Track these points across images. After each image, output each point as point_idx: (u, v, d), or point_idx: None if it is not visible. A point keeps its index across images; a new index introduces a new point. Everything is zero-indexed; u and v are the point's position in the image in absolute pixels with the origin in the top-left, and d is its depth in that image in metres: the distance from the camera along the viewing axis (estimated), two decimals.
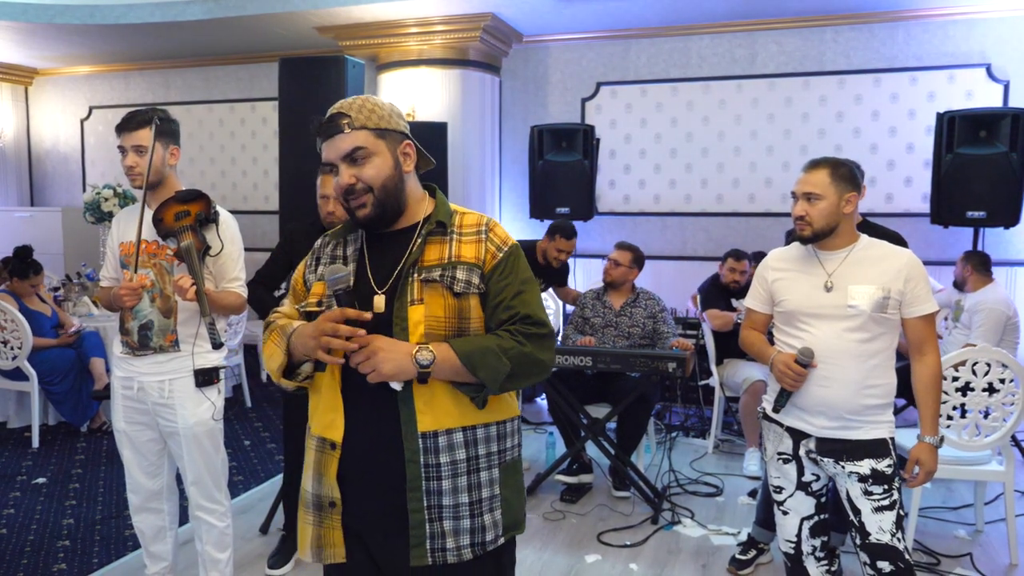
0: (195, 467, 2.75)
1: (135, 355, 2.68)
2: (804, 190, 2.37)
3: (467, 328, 1.62)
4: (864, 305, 2.27)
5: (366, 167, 1.61)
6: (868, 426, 2.31)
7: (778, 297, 2.45)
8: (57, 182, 9.29)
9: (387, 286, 1.64)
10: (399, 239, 1.68)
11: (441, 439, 1.59)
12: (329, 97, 3.89)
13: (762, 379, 4.65)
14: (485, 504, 1.64)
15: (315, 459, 1.68)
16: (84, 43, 7.69)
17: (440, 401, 1.60)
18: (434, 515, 1.60)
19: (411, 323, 1.59)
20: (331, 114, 1.64)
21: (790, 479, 2.45)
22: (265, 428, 5.52)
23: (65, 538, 3.71)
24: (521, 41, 7.18)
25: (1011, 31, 5.98)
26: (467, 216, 1.71)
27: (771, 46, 6.59)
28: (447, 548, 1.60)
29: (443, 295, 1.61)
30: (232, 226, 2.74)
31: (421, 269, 1.62)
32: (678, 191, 6.93)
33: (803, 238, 2.38)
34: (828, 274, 2.34)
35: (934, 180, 5.20)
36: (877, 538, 2.28)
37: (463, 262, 1.63)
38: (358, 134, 1.61)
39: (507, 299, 1.63)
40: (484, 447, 1.64)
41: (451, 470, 1.60)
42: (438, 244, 1.66)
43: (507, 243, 1.69)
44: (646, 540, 3.68)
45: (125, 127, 2.62)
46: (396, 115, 1.67)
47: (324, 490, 1.65)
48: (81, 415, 5.36)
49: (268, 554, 3.45)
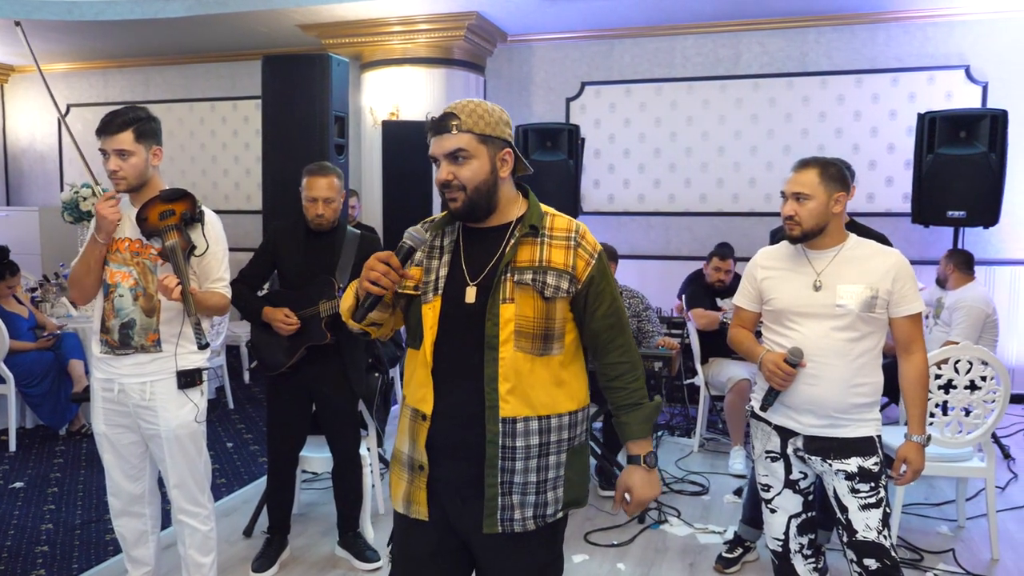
0: (178, 470, 2.70)
1: (115, 354, 2.63)
2: (793, 190, 2.37)
3: (552, 327, 1.78)
4: (852, 304, 2.28)
5: (464, 168, 1.75)
6: (855, 424, 2.32)
7: (767, 296, 2.46)
8: (34, 181, 9.16)
9: (479, 279, 1.79)
10: (492, 236, 1.83)
11: (519, 425, 1.76)
12: (313, 96, 3.86)
13: (747, 378, 4.67)
14: (550, 483, 1.82)
15: (409, 427, 1.85)
16: (62, 40, 7.58)
17: (522, 392, 1.76)
18: (506, 490, 1.78)
19: (502, 320, 1.75)
20: (444, 113, 1.77)
21: (778, 477, 2.46)
22: (248, 430, 5.47)
23: (44, 543, 3.65)
24: (506, 40, 7.17)
25: (989, 33, 6.06)
26: (557, 219, 1.85)
27: (755, 47, 6.63)
28: (515, 519, 1.79)
29: (533, 297, 1.76)
30: (217, 226, 2.70)
31: (514, 270, 1.77)
32: (662, 191, 6.95)
33: (792, 238, 2.38)
34: (817, 273, 2.35)
35: (915, 180, 5.26)
36: (864, 536, 2.29)
37: (553, 268, 1.78)
38: (463, 136, 1.74)
39: (604, 306, 1.83)
40: (556, 435, 1.81)
41: (524, 453, 1.77)
42: (530, 246, 1.80)
43: (596, 249, 1.85)
44: (633, 539, 3.68)
45: (105, 130, 2.54)
46: (503, 123, 1.80)
47: (416, 454, 1.83)
48: (60, 418, 5.28)
49: (252, 557, 3.41)
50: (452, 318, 1.78)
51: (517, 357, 1.75)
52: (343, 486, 3.45)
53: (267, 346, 3.29)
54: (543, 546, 1.87)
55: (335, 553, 3.51)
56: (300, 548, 3.58)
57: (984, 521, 3.74)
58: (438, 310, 1.79)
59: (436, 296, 1.80)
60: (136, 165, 2.55)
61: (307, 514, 3.97)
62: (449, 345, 1.78)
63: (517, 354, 1.75)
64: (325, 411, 3.37)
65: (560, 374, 1.81)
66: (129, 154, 2.54)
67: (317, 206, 3.18)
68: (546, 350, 1.78)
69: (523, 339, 1.75)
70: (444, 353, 1.78)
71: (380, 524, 3.81)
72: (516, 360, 1.75)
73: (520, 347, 1.75)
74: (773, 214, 6.59)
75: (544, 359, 1.78)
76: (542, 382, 1.78)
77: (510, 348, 1.75)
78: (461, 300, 1.78)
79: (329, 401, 3.34)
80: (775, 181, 6.64)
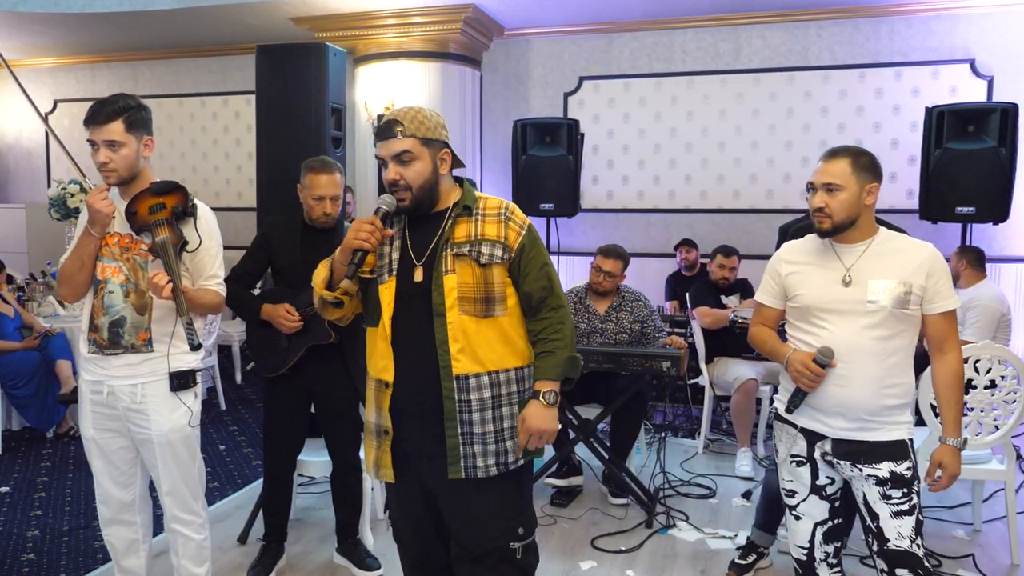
0: (170, 477, 2.57)
1: (104, 354, 2.49)
2: (824, 180, 2.22)
3: (492, 291, 2.02)
4: (885, 300, 2.16)
5: (409, 168, 1.99)
6: (887, 427, 2.20)
7: (792, 292, 2.34)
8: (20, 178, 8.97)
9: (424, 259, 2.03)
10: (434, 221, 2.07)
11: (471, 380, 2.00)
12: (309, 87, 3.72)
13: (753, 377, 4.57)
14: (507, 433, 2.04)
15: (374, 396, 2.08)
16: (48, 33, 7.41)
17: (471, 350, 2.00)
18: (467, 440, 2.01)
19: (446, 289, 1.99)
20: (388, 120, 2.00)
21: (803, 482, 2.34)
22: (241, 432, 5.33)
23: (30, 551, 3.51)
24: (502, 34, 7.04)
25: (995, 26, 5.97)
26: (489, 200, 2.11)
27: (756, 40, 6.53)
28: (477, 466, 2.01)
29: (471, 266, 2.01)
30: (211, 220, 2.57)
31: (452, 245, 2.02)
32: (662, 187, 6.84)
33: (822, 231, 2.25)
34: (846, 268, 2.23)
35: (923, 175, 5.16)
36: (896, 544, 2.18)
37: (487, 239, 2.03)
38: (407, 140, 1.98)
39: (535, 270, 2.06)
40: (506, 388, 2.04)
41: (480, 405, 2.01)
42: (465, 224, 2.05)
43: (525, 223, 2.10)
44: (641, 545, 3.57)
45: (94, 120, 2.40)
46: (441, 127, 2.05)
47: (381, 420, 2.06)
48: (47, 420, 5.13)
49: (247, 565, 3.28)
50: (405, 295, 2.02)
51: (463, 320, 1.99)
52: (343, 491, 3.32)
53: (265, 346, 3.15)
54: (508, 493, 2.08)
55: (333, 560, 3.39)
56: (297, 555, 3.46)
57: (1001, 525, 3.65)
58: (394, 289, 2.03)
59: (391, 276, 2.04)
60: (127, 157, 2.42)
61: (303, 519, 3.84)
62: (405, 319, 2.02)
63: (463, 317, 1.99)
64: (325, 413, 3.24)
65: (508, 333, 2.05)
66: (119, 145, 2.40)
67: (325, 204, 3.05)
68: (489, 312, 2.01)
69: (466, 303, 1.99)
70: (401, 326, 2.02)
71: (379, 530, 3.69)
72: (463, 323, 1.99)
73: (464, 311, 1.99)
74: (774, 210, 6.50)
75: (489, 320, 2.02)
76: (488, 341, 2.01)
77: (456, 313, 1.99)
78: (411, 279, 2.03)
79: (330, 402, 3.21)
80: (776, 177, 6.55)
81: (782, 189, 6.54)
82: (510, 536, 2.06)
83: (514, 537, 2.06)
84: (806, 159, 6.42)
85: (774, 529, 3.31)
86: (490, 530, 2.05)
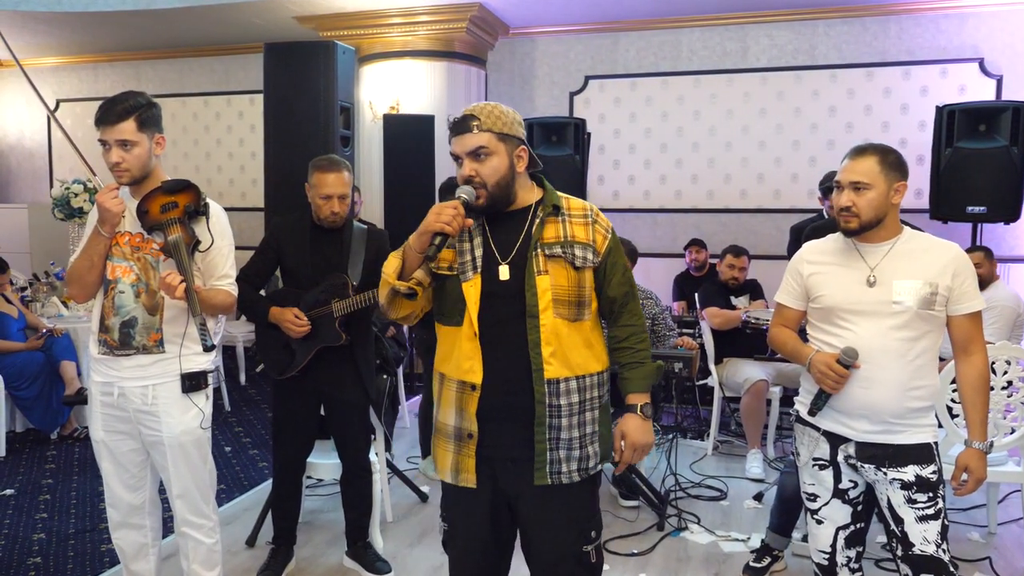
0: (181, 479, 2.53)
1: (115, 355, 2.45)
2: (851, 179, 2.17)
3: (584, 295, 1.98)
4: (910, 301, 2.12)
5: (485, 164, 1.91)
6: (912, 430, 2.16)
7: (814, 292, 2.29)
8: (22, 178, 8.94)
9: (509, 258, 1.96)
10: (515, 219, 2.00)
11: (562, 385, 1.95)
12: (318, 85, 3.70)
13: (764, 378, 4.54)
14: (588, 438, 2.00)
15: (455, 398, 2.00)
16: (51, 32, 7.37)
17: (562, 354, 1.94)
18: (554, 446, 1.96)
19: (540, 290, 1.93)
20: (464, 114, 1.93)
21: (826, 486, 2.30)
22: (247, 433, 5.29)
23: (36, 554, 3.47)
24: (507, 34, 7.01)
25: (1003, 25, 5.94)
26: (573, 201, 2.04)
27: (763, 39, 6.49)
28: (562, 472, 1.97)
29: (565, 268, 1.96)
30: (223, 219, 2.53)
31: (543, 246, 1.95)
32: (668, 187, 6.81)
33: (849, 230, 2.20)
34: (871, 268, 2.19)
35: (933, 175, 5.13)
36: (922, 549, 2.14)
37: (578, 242, 1.98)
38: (483, 135, 1.91)
39: (619, 274, 2.03)
40: (590, 392, 1.99)
41: (568, 410, 1.96)
42: (553, 224, 1.99)
43: (609, 227, 2.06)
44: (654, 548, 3.54)
45: (105, 119, 2.35)
46: (517, 123, 1.97)
47: (464, 424, 1.99)
48: (51, 421, 5.10)
49: (256, 569, 3.25)
50: (491, 293, 1.95)
51: (557, 323, 1.94)
52: (353, 494, 3.29)
53: (275, 349, 3.11)
54: (585, 500, 2.05)
55: (343, 564, 3.35)
56: (306, 559, 3.42)
57: (1016, 527, 3.62)
58: (479, 286, 1.95)
59: (475, 274, 1.96)
60: (140, 156, 2.38)
61: (312, 522, 3.81)
62: (491, 318, 1.94)
63: (556, 320, 1.94)
64: (336, 415, 3.20)
65: (589, 337, 2.01)
66: (132, 144, 2.36)
67: (333, 203, 3.01)
68: (579, 316, 1.98)
69: (560, 306, 1.94)
70: (487, 326, 1.94)
71: (389, 532, 3.65)
72: (556, 326, 1.94)
73: (559, 314, 1.94)
74: (781, 210, 6.47)
75: (577, 324, 1.97)
76: (577, 345, 1.97)
77: (550, 315, 1.93)
78: (496, 278, 1.95)
79: (341, 404, 3.17)
80: (784, 177, 6.51)
81: (790, 189, 6.50)
82: (584, 540, 2.02)
83: (587, 540, 2.03)
84: (814, 159, 6.38)
85: (789, 532, 3.28)
86: (566, 535, 2.01)
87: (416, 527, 3.76)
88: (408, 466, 4.55)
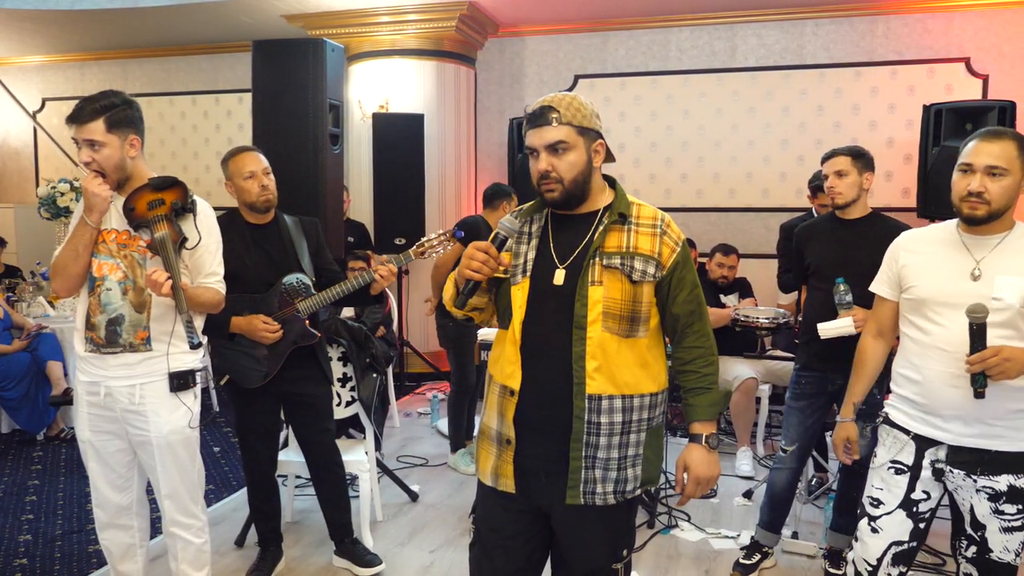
0: (169, 479, 2.51)
1: (101, 353, 2.42)
2: (987, 163, 1.99)
3: (639, 310, 1.85)
4: (1012, 299, 1.98)
5: (563, 159, 1.82)
6: (1013, 435, 2.02)
7: (907, 282, 2.14)
8: (8, 177, 8.86)
9: (567, 263, 1.87)
10: (580, 222, 1.90)
11: (604, 402, 1.84)
12: (307, 83, 3.68)
13: (754, 376, 4.55)
14: (630, 460, 1.89)
15: (497, 402, 1.94)
16: (36, 30, 7.31)
17: (608, 371, 1.83)
18: (590, 464, 1.86)
19: (591, 301, 1.83)
20: (543, 106, 1.83)
21: (895, 493, 2.16)
22: (235, 433, 5.26)
23: (22, 556, 3.44)
24: (497, 32, 7.01)
25: (989, 25, 5.98)
26: (644, 209, 1.92)
27: (751, 39, 6.51)
28: (596, 492, 1.87)
29: (621, 280, 1.84)
30: (210, 216, 2.51)
31: (602, 255, 1.85)
32: (658, 185, 6.82)
33: (975, 218, 2.02)
34: (976, 261, 2.03)
35: (920, 174, 5.14)
36: (999, 557, 2.07)
37: (640, 253, 1.86)
38: (563, 128, 1.81)
39: (686, 291, 1.90)
40: (638, 414, 1.88)
41: (608, 429, 1.85)
42: (617, 232, 1.87)
43: (681, 238, 1.92)
44: (644, 545, 3.54)
45: (76, 118, 2.33)
46: (595, 116, 1.88)
47: (504, 429, 1.91)
48: (37, 422, 5.06)
49: (245, 569, 3.23)
50: (540, 299, 1.87)
51: (605, 337, 1.82)
52: (327, 490, 3.24)
53: (241, 358, 2.99)
54: (620, 521, 1.95)
55: (333, 563, 3.33)
56: (296, 559, 3.40)
57: None
58: (527, 291, 1.88)
59: (524, 277, 1.89)
60: (109, 157, 2.34)
61: (301, 522, 3.79)
62: (538, 324, 1.86)
63: (604, 334, 1.82)
64: (301, 412, 3.15)
65: (645, 356, 1.88)
66: (100, 145, 2.33)
67: (259, 179, 2.92)
68: (632, 332, 1.85)
69: (611, 320, 1.83)
70: (532, 332, 1.86)
71: (379, 532, 3.64)
72: (603, 340, 1.82)
73: (608, 328, 1.82)
74: (770, 209, 6.48)
75: (630, 341, 1.85)
76: (627, 363, 1.85)
77: (598, 328, 1.82)
78: (549, 282, 1.87)
79: (309, 401, 3.12)
80: (772, 175, 6.53)
81: (778, 187, 6.52)
82: (615, 558, 1.96)
83: (618, 559, 1.96)
84: (802, 157, 6.41)
85: (779, 529, 3.29)
86: (599, 554, 1.94)
87: (406, 526, 3.75)
88: (398, 465, 4.54)
